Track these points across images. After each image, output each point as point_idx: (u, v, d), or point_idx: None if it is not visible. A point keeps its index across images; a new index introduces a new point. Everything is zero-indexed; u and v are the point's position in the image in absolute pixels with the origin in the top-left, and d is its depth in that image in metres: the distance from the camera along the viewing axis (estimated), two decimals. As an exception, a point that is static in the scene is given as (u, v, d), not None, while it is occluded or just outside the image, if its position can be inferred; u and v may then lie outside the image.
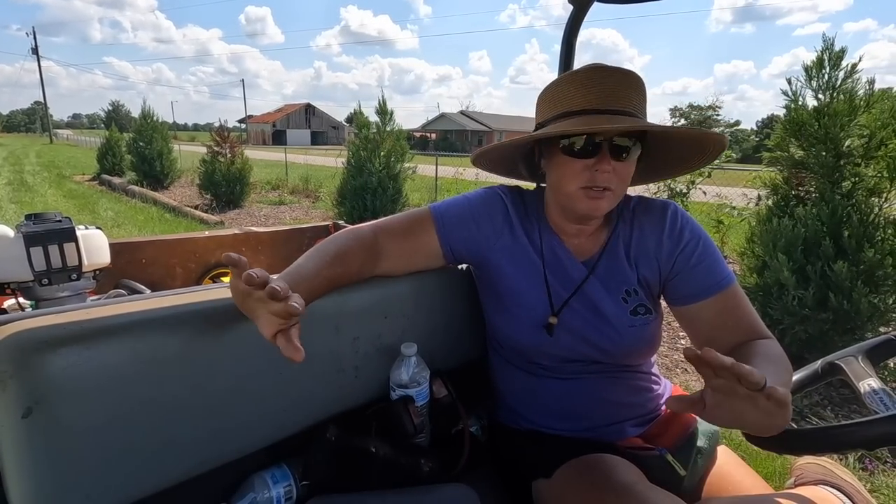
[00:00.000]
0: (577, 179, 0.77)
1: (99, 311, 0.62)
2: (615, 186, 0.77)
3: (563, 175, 0.79)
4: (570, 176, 0.78)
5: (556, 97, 0.81)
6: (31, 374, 0.54)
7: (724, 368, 0.51)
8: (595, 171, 0.75)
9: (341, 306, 0.82)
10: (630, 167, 0.78)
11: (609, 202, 0.78)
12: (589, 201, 0.77)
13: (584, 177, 0.76)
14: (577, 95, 0.77)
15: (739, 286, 0.84)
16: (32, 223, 1.14)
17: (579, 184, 0.77)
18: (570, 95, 0.78)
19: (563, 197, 0.81)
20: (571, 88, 0.78)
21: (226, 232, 1.79)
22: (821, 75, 2.62)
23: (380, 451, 0.77)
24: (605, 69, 0.78)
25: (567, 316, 0.86)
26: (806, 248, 2.58)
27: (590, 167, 0.76)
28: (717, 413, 0.55)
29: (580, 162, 0.76)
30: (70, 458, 0.56)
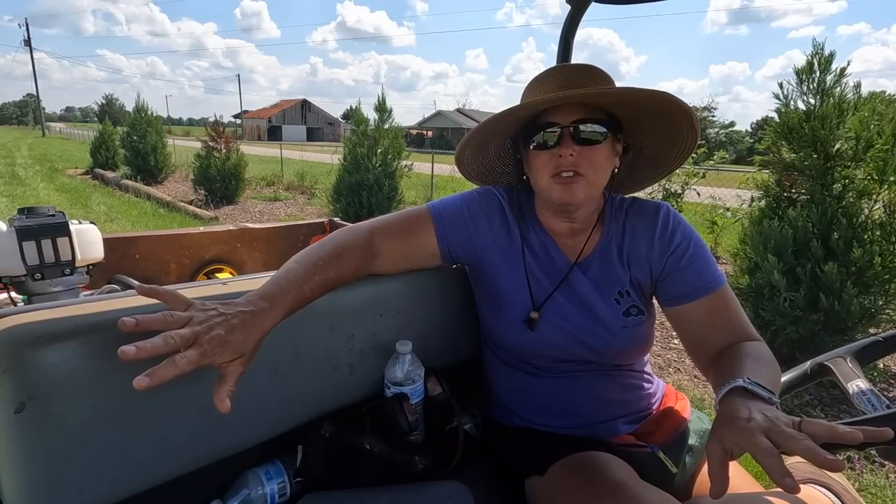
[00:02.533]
0: (545, 170, 0.80)
1: (93, 307, 0.62)
2: (585, 171, 0.79)
3: (536, 169, 0.83)
4: (540, 168, 0.82)
5: (526, 97, 0.87)
6: (24, 369, 0.53)
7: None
8: (561, 157, 0.78)
9: (336, 304, 0.82)
10: (599, 153, 0.80)
11: (583, 189, 0.80)
12: (561, 188, 0.80)
13: (552, 165, 0.80)
14: (540, 90, 0.84)
15: (730, 288, 0.85)
16: (25, 217, 1.13)
17: (548, 173, 0.80)
18: (536, 92, 0.85)
19: (541, 191, 0.85)
20: (536, 85, 0.85)
21: (220, 228, 1.78)
22: (811, 79, 2.65)
23: (374, 448, 0.78)
24: (566, 66, 0.84)
25: (552, 312, 0.86)
26: (796, 249, 2.61)
27: (555, 156, 0.79)
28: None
29: (546, 153, 0.80)
30: (63, 454, 0.56)
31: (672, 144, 0.87)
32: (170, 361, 0.53)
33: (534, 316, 0.86)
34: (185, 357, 0.53)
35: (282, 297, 0.67)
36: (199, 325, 0.57)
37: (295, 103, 63.51)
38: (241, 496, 0.74)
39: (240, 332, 0.59)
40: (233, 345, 0.58)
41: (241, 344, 0.59)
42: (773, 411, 0.57)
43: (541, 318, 0.86)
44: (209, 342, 0.56)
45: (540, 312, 0.86)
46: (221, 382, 0.58)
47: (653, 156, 0.92)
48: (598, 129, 0.79)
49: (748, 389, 0.63)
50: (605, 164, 0.81)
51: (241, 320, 0.60)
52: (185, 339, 0.54)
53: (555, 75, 0.84)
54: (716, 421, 0.62)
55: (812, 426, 0.53)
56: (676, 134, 0.85)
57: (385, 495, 0.75)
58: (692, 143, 0.86)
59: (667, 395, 0.99)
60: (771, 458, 0.51)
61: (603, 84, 0.81)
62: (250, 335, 0.61)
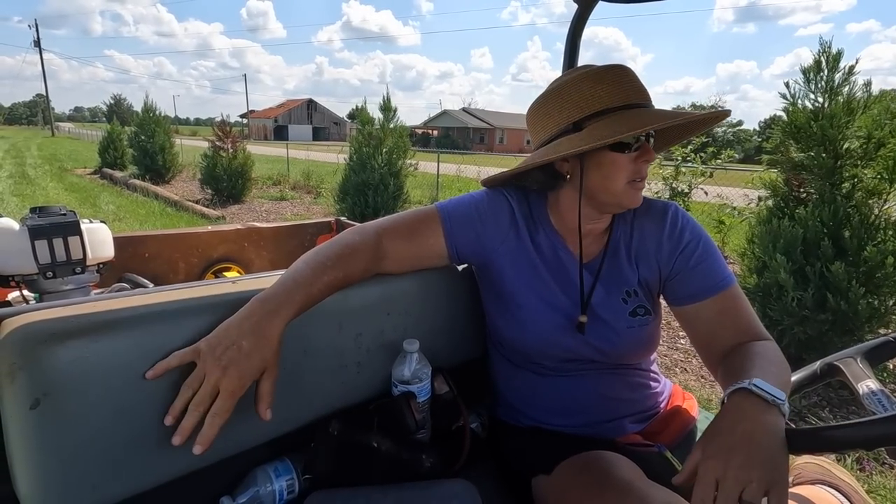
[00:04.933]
0: (624, 174, 0.78)
1: (106, 305, 0.62)
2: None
3: (612, 172, 0.79)
4: (618, 171, 0.78)
5: (586, 96, 0.78)
6: (39, 366, 0.54)
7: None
8: (642, 163, 0.78)
9: (344, 303, 0.83)
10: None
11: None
12: (635, 193, 0.80)
13: (630, 170, 0.78)
14: (615, 93, 0.77)
15: (739, 288, 0.85)
16: (37, 216, 1.14)
17: (627, 178, 0.79)
18: (606, 93, 0.77)
19: (609, 194, 0.81)
20: (604, 87, 0.77)
21: (228, 227, 1.79)
22: (819, 78, 2.63)
23: (382, 447, 0.78)
24: (621, 67, 0.80)
25: (552, 311, 0.87)
26: (805, 248, 2.59)
27: (633, 160, 0.78)
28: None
29: (625, 157, 0.78)
30: (77, 450, 0.57)
31: (682, 135, 0.90)
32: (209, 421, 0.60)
33: (583, 320, 0.85)
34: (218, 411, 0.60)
35: (290, 298, 0.68)
36: (215, 369, 0.60)
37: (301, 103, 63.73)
38: (250, 493, 0.75)
39: (253, 348, 0.63)
40: (253, 360, 0.63)
41: (260, 357, 0.63)
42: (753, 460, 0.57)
43: (538, 317, 0.86)
44: (229, 381, 0.61)
45: (535, 312, 0.87)
46: (259, 399, 0.65)
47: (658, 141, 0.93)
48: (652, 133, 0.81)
49: (753, 392, 0.63)
50: None
51: (251, 333, 0.63)
52: (209, 395, 0.60)
53: (623, 79, 0.78)
54: (710, 424, 0.63)
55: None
56: (695, 131, 0.89)
57: (392, 493, 0.75)
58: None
59: (674, 395, 0.98)
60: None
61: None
62: (264, 342, 0.64)
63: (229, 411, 0.60)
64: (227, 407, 0.60)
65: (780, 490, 0.55)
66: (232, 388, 0.60)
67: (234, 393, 0.61)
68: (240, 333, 0.63)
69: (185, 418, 0.59)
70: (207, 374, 0.60)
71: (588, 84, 0.78)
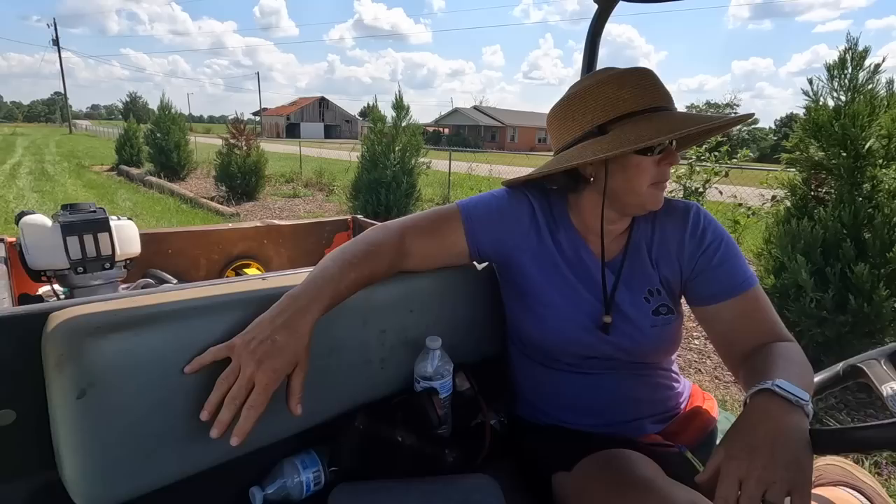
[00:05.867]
0: (648, 177, 0.79)
1: (146, 300, 0.65)
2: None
3: (636, 175, 0.79)
4: (642, 174, 0.79)
5: (610, 100, 0.78)
6: (85, 358, 0.57)
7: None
8: (665, 166, 0.80)
9: (369, 300, 0.84)
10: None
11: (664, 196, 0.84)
12: (657, 195, 0.82)
13: (654, 173, 0.80)
14: (639, 96, 0.77)
15: (761, 288, 0.85)
16: (69, 213, 1.18)
17: (650, 180, 0.80)
18: (631, 96, 0.77)
19: (632, 196, 0.82)
20: (628, 90, 0.77)
21: (248, 224, 1.83)
22: (843, 75, 2.58)
23: (406, 441, 0.80)
24: (643, 69, 0.81)
25: (573, 308, 0.88)
26: (825, 249, 2.55)
27: (657, 163, 0.79)
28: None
29: (650, 160, 0.78)
30: (118, 439, 0.60)
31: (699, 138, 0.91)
32: (245, 414, 0.61)
33: (607, 320, 0.86)
34: (253, 404, 0.62)
35: (320, 295, 0.70)
36: (250, 364, 0.62)
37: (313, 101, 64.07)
38: (278, 484, 0.77)
39: (286, 343, 0.65)
40: (286, 355, 0.64)
41: (292, 352, 0.65)
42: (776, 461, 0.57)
43: (559, 315, 0.87)
44: (264, 374, 0.62)
45: (556, 309, 0.88)
46: (290, 394, 0.67)
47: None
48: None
49: (776, 393, 0.63)
50: None
51: (284, 328, 0.65)
52: (245, 388, 0.62)
53: (646, 83, 0.78)
54: (733, 425, 0.64)
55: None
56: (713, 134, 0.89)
57: (416, 486, 0.77)
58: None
59: (693, 395, 0.99)
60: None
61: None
62: (296, 337, 0.66)
63: (264, 404, 0.62)
64: (262, 400, 0.62)
65: (804, 491, 0.56)
66: (266, 382, 0.62)
67: (269, 386, 0.63)
68: (273, 329, 0.65)
69: (222, 412, 0.61)
70: (243, 368, 0.62)
71: (612, 87, 0.78)
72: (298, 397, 0.67)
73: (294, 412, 0.67)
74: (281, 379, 0.65)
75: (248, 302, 0.71)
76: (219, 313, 0.68)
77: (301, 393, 0.67)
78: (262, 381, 0.62)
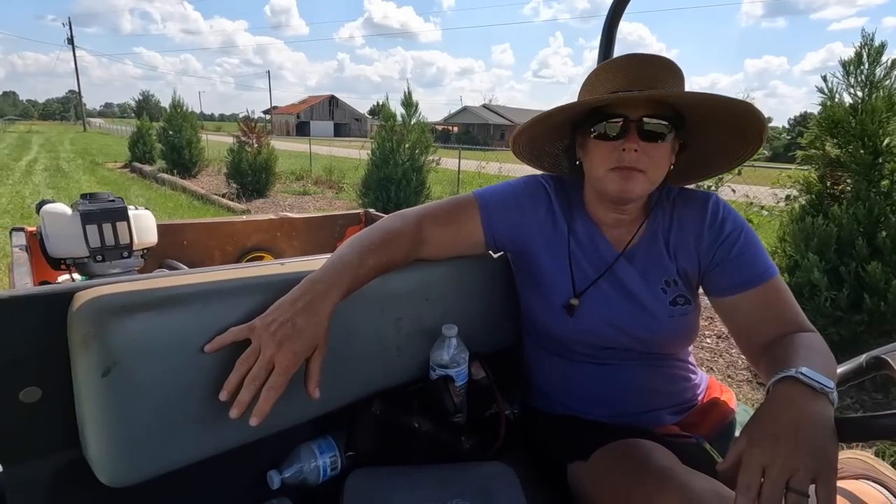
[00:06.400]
0: (606, 161, 0.79)
1: (169, 281, 0.65)
2: (646, 168, 0.77)
3: (594, 158, 0.81)
4: (601, 158, 0.79)
5: (593, 84, 0.84)
6: (110, 336, 0.57)
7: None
8: (623, 151, 0.77)
9: (385, 287, 0.85)
10: (662, 150, 0.78)
11: (641, 185, 0.78)
12: (620, 181, 0.78)
13: (613, 157, 0.78)
14: (609, 79, 0.81)
15: (782, 279, 0.84)
16: (88, 202, 1.19)
17: (609, 165, 0.78)
18: (603, 80, 0.82)
19: (596, 181, 0.82)
20: (604, 74, 0.82)
21: (262, 217, 1.84)
22: (859, 71, 2.54)
23: (422, 427, 0.80)
24: (638, 55, 0.81)
25: (594, 300, 0.87)
26: (839, 247, 2.52)
27: (618, 148, 0.77)
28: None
29: (609, 144, 0.78)
30: (142, 418, 0.60)
31: (732, 149, 0.85)
32: (265, 395, 0.62)
33: (574, 303, 0.87)
34: (273, 385, 0.62)
35: (339, 279, 0.70)
36: (270, 345, 0.63)
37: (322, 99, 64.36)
38: (295, 468, 0.78)
39: (306, 326, 0.65)
40: (306, 337, 0.65)
41: (311, 335, 0.65)
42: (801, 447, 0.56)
43: (582, 305, 0.87)
44: (283, 356, 0.63)
45: (581, 299, 0.87)
46: (309, 377, 0.67)
47: (706, 156, 0.89)
48: (664, 125, 0.77)
49: (800, 380, 0.62)
50: (666, 161, 0.80)
51: (304, 311, 0.66)
52: (265, 369, 0.62)
53: (627, 65, 0.80)
54: (756, 413, 0.63)
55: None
56: (741, 140, 0.82)
57: (432, 472, 0.77)
58: (753, 151, 0.83)
59: (711, 388, 0.98)
60: (743, 493, 0.56)
61: (676, 80, 0.79)
62: (316, 321, 0.66)
63: (283, 386, 0.63)
64: (281, 382, 0.63)
65: (829, 479, 0.55)
66: (286, 364, 0.63)
67: (288, 368, 0.63)
68: (294, 312, 0.65)
69: (242, 392, 0.62)
70: (263, 349, 0.63)
71: (600, 71, 0.83)
72: (317, 381, 0.67)
73: (312, 395, 0.67)
74: (300, 361, 0.65)
75: (266, 286, 0.71)
76: (239, 296, 0.69)
77: (319, 376, 0.68)
78: (282, 363, 0.62)
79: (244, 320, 0.67)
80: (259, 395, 0.62)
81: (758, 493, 0.56)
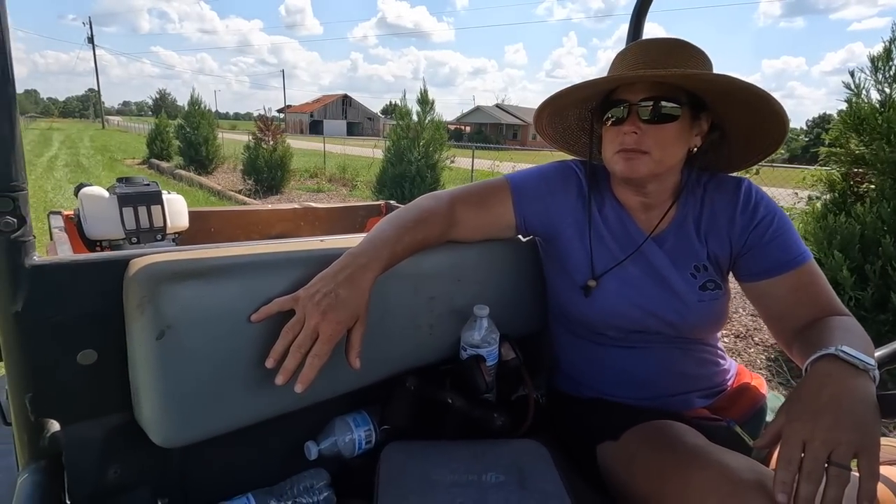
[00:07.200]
0: (612, 144, 0.82)
1: (217, 252, 0.68)
2: (650, 149, 0.79)
3: (605, 143, 0.85)
4: (609, 142, 0.84)
5: (611, 68, 0.87)
6: (164, 301, 0.60)
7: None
8: (624, 134, 0.79)
9: (419, 268, 0.86)
10: (667, 132, 0.79)
11: (646, 165, 0.80)
12: (623, 163, 0.81)
13: (618, 141, 0.81)
14: (617, 64, 0.85)
15: (816, 264, 0.84)
16: (125, 185, 1.22)
17: (615, 148, 0.82)
18: (614, 66, 0.86)
19: (607, 163, 0.86)
20: (616, 60, 0.86)
21: (286, 206, 1.87)
22: (887, 67, 2.51)
23: (455, 403, 0.81)
24: (650, 40, 0.84)
25: (621, 282, 0.87)
26: (863, 246, 2.48)
27: (621, 132, 0.80)
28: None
29: (614, 129, 0.82)
30: (192, 382, 0.62)
31: (759, 128, 0.84)
32: (310, 362, 0.64)
33: (591, 284, 0.88)
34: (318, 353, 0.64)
35: (378, 254, 0.72)
36: (314, 314, 0.65)
37: (336, 98, 64.77)
38: (331, 440, 0.80)
39: (349, 297, 0.67)
40: (349, 308, 0.67)
41: (354, 306, 0.67)
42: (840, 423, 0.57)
43: (604, 286, 0.87)
44: (328, 325, 0.65)
45: (602, 282, 0.88)
46: (350, 347, 0.69)
47: (744, 138, 0.88)
48: (668, 106, 0.77)
49: (840, 357, 0.62)
50: (676, 143, 0.80)
51: (346, 283, 0.68)
52: (310, 337, 0.64)
53: (635, 51, 0.83)
54: (793, 391, 0.63)
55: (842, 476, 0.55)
56: (760, 117, 0.81)
57: (465, 447, 0.78)
58: (780, 128, 0.82)
59: (740, 373, 0.98)
60: (784, 467, 0.56)
61: (685, 61, 0.79)
62: (357, 292, 0.68)
63: (328, 354, 0.64)
64: (325, 350, 0.64)
65: (872, 452, 0.55)
66: (330, 332, 0.64)
67: (332, 337, 0.65)
68: (336, 283, 0.67)
69: (288, 359, 0.64)
70: (308, 318, 0.64)
71: (616, 59, 0.86)
72: (358, 351, 0.69)
73: (353, 366, 0.69)
74: (343, 331, 0.67)
75: (308, 260, 0.73)
76: (282, 269, 0.71)
77: (360, 347, 0.69)
78: (326, 332, 0.64)
79: (287, 292, 0.69)
80: (304, 363, 0.64)
81: (798, 468, 0.56)
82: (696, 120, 0.82)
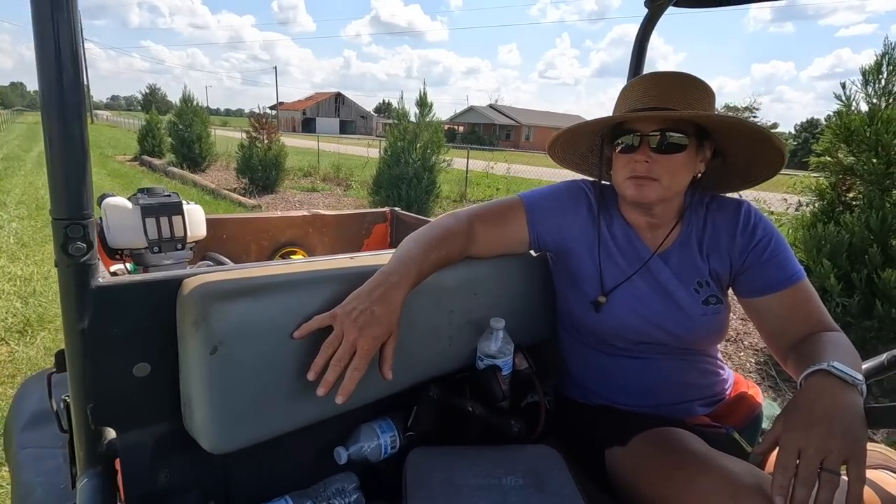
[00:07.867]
0: (623, 170, 0.89)
1: (261, 271, 0.72)
2: (659, 176, 0.86)
3: (616, 169, 0.92)
4: (619, 168, 0.90)
5: (619, 102, 0.94)
6: (216, 318, 0.64)
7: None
8: (635, 162, 0.86)
9: (440, 283, 0.91)
10: (676, 161, 0.85)
11: (655, 191, 0.87)
12: (634, 188, 0.88)
13: (629, 168, 0.88)
14: (628, 96, 0.91)
15: (809, 282, 0.90)
16: (147, 196, 1.26)
17: (625, 174, 0.89)
18: (625, 97, 0.92)
19: (618, 187, 0.92)
20: (627, 91, 0.92)
21: (295, 213, 1.91)
22: (878, 80, 2.60)
23: (476, 411, 0.87)
24: (656, 74, 0.90)
25: (629, 296, 0.93)
26: (851, 254, 2.57)
27: (632, 160, 0.87)
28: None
29: (626, 156, 0.88)
30: (241, 393, 0.67)
31: (759, 158, 0.91)
32: (349, 375, 0.69)
33: (601, 300, 0.94)
34: (356, 366, 0.69)
35: (408, 272, 0.77)
36: (352, 331, 0.69)
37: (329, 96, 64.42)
38: (358, 445, 0.85)
39: (383, 314, 0.72)
40: (384, 324, 0.72)
41: (388, 321, 0.72)
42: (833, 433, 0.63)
43: (614, 300, 0.93)
44: (365, 340, 0.70)
45: (611, 297, 0.94)
46: (384, 360, 0.74)
47: (744, 164, 0.95)
48: (676, 137, 0.84)
49: (832, 373, 0.69)
50: (683, 171, 0.87)
51: (380, 301, 0.73)
52: (348, 352, 0.69)
53: (642, 84, 0.89)
54: (790, 402, 0.69)
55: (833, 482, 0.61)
56: (761, 149, 0.88)
57: (485, 452, 0.84)
58: (778, 159, 0.89)
59: (738, 383, 1.04)
60: (781, 472, 0.62)
61: (692, 94, 0.85)
62: (391, 309, 0.73)
63: (366, 367, 0.70)
64: (363, 364, 0.69)
65: (860, 459, 0.62)
66: (367, 348, 0.69)
67: (369, 352, 0.70)
68: (371, 301, 0.72)
69: (328, 372, 0.68)
70: (346, 334, 0.69)
71: (626, 91, 0.92)
72: (390, 363, 0.74)
73: (386, 377, 0.74)
74: (378, 346, 0.72)
75: (342, 277, 0.78)
76: (319, 286, 0.75)
77: (392, 360, 0.74)
78: (364, 347, 0.69)
79: (323, 308, 0.74)
80: (343, 376, 0.69)
81: (794, 473, 0.62)
82: (700, 148, 0.88)
